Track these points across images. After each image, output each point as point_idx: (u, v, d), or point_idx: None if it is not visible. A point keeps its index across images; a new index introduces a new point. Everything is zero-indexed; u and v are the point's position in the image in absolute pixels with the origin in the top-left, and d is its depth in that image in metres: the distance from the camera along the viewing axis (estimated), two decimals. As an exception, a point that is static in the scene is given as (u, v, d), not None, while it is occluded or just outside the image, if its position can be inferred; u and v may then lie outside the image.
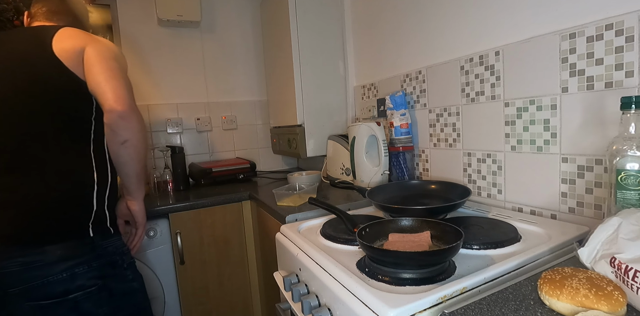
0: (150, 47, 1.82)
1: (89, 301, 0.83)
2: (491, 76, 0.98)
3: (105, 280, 0.86)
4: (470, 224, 0.80)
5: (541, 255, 0.63)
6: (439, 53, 1.15)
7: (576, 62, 0.78)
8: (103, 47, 0.90)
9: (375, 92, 1.50)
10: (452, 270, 0.60)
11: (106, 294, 0.86)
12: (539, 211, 0.89)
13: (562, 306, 0.43)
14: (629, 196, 0.55)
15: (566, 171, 0.82)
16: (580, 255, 0.50)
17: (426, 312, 0.51)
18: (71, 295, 0.80)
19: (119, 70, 0.88)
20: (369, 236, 0.70)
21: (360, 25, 1.56)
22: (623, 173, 0.55)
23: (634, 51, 0.69)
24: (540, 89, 0.86)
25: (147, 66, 1.82)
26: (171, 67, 1.87)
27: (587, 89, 0.77)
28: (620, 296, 0.41)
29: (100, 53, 0.87)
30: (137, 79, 1.78)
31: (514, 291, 0.49)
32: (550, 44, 0.83)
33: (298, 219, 1.01)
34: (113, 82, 0.85)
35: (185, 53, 1.90)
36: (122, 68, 0.91)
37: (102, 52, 0.88)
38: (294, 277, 0.78)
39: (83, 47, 0.87)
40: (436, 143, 1.20)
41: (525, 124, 0.90)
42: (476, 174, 1.06)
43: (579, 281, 0.43)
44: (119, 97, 0.84)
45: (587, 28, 0.76)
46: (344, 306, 0.58)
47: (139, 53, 1.80)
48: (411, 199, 0.98)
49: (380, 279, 0.59)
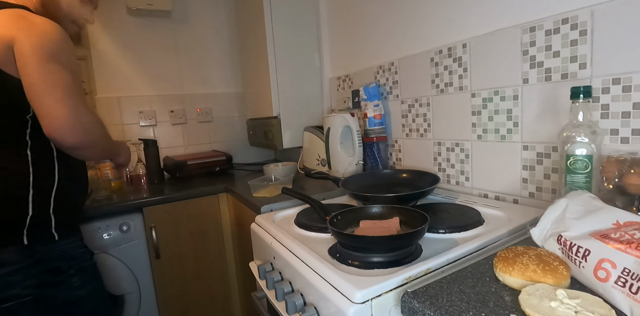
0: (120, 38, 1.75)
1: (26, 311, 0.76)
2: (459, 68, 1.01)
3: (44, 288, 0.78)
4: (438, 210, 0.84)
5: (501, 237, 0.68)
6: (410, 45, 1.18)
7: (536, 55, 0.82)
8: (39, 37, 0.72)
9: (350, 83, 1.52)
10: (419, 252, 0.63)
11: (46, 304, 0.78)
12: (502, 197, 0.94)
13: (514, 281, 0.46)
14: (577, 179, 0.59)
15: (527, 158, 0.87)
16: (532, 234, 0.53)
17: (392, 292, 0.53)
18: (6, 304, 0.75)
19: (60, 74, 0.72)
20: (341, 224, 0.72)
21: (335, 17, 1.57)
22: (572, 158, 0.59)
23: (587, 44, 0.73)
24: (504, 80, 0.90)
25: (117, 57, 1.76)
26: (143, 58, 1.82)
27: (545, 80, 0.81)
28: (565, 270, 0.45)
29: (36, 48, 0.71)
30: (106, 71, 1.72)
31: (472, 270, 0.53)
32: (513, 37, 0.86)
33: (273, 210, 1.02)
34: (53, 95, 0.70)
35: (158, 44, 1.85)
36: (67, 65, 0.75)
37: (37, 45, 0.71)
38: (269, 265, 0.79)
39: (12, 38, 0.71)
40: (408, 133, 1.23)
41: (490, 114, 0.94)
42: (445, 163, 1.10)
43: (529, 258, 0.47)
44: (60, 120, 0.70)
45: (545, 22, 0.80)
46: (315, 291, 0.60)
47: (108, 44, 1.73)
48: (383, 188, 1.01)
49: (350, 263, 0.61)
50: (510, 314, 0.41)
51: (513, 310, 0.41)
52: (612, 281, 0.40)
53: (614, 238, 0.43)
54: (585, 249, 0.44)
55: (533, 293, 0.41)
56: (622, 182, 0.58)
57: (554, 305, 0.38)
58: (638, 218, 0.46)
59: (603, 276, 0.41)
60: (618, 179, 0.59)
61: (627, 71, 0.68)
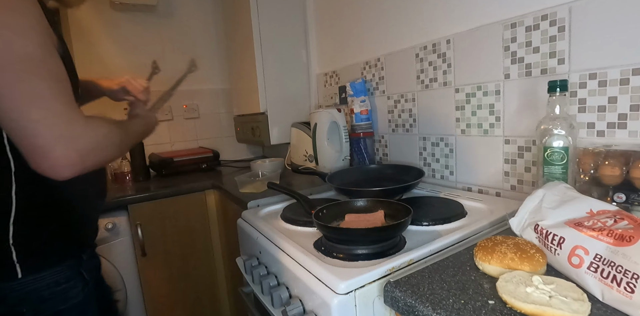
0: (103, 32, 1.71)
1: None
2: (443, 63, 1.02)
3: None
4: (423, 204, 0.85)
5: (482, 228, 0.69)
6: (396, 41, 1.18)
7: (517, 50, 0.84)
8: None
9: (337, 79, 1.52)
10: (402, 244, 0.64)
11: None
12: (485, 190, 0.96)
13: (492, 269, 0.47)
14: (554, 170, 0.61)
15: (508, 152, 0.89)
16: (511, 224, 0.55)
17: (375, 283, 0.54)
18: None
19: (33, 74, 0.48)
20: (327, 218, 0.73)
21: (322, 14, 1.56)
22: (549, 150, 0.61)
23: (565, 40, 0.75)
24: (486, 75, 0.91)
25: (101, 52, 1.72)
26: (126, 53, 1.78)
27: (526, 76, 0.83)
28: (541, 258, 0.47)
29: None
30: (90, 67, 1.68)
31: (454, 260, 0.54)
32: (495, 33, 0.88)
33: (260, 205, 1.02)
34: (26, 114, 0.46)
35: (142, 39, 1.81)
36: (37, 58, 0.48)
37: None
38: (255, 260, 0.79)
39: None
40: (394, 129, 1.24)
41: (474, 109, 0.96)
42: (431, 157, 1.11)
43: (507, 246, 0.48)
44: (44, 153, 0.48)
45: (525, 18, 0.81)
46: (300, 284, 0.60)
47: (91, 38, 1.69)
48: (369, 182, 1.02)
49: (335, 256, 0.62)
50: (488, 300, 0.42)
51: (491, 296, 0.42)
52: (585, 267, 0.42)
53: (587, 225, 0.44)
54: (560, 237, 0.46)
55: (510, 280, 0.42)
56: (597, 173, 0.60)
57: (530, 290, 0.40)
58: (611, 206, 0.48)
59: (577, 263, 0.43)
60: (594, 171, 0.61)
61: (603, 66, 0.70)
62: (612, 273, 0.38)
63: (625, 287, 0.37)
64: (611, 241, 0.40)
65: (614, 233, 0.41)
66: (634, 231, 0.40)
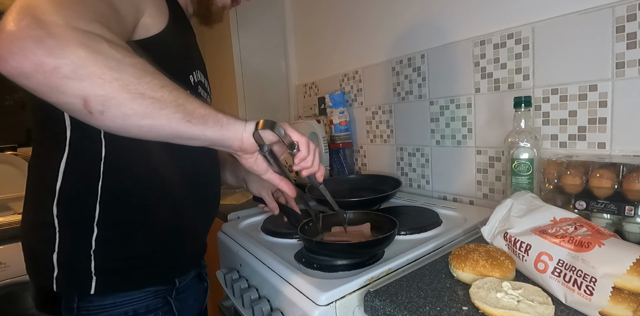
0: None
1: None
2: (418, 77, 1.07)
3: None
4: (400, 213, 0.87)
5: (457, 236, 0.72)
6: (373, 54, 1.22)
7: (486, 66, 0.89)
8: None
9: (316, 90, 1.54)
10: (381, 254, 0.66)
11: None
12: (459, 198, 1.00)
13: (466, 276, 0.49)
14: (521, 180, 0.65)
15: (480, 162, 0.93)
16: (483, 233, 0.57)
17: (355, 293, 0.55)
18: None
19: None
20: (312, 230, 0.73)
21: (301, 26, 1.60)
22: (516, 162, 0.65)
23: (529, 57, 0.81)
24: (459, 89, 0.96)
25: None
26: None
27: (495, 90, 0.88)
28: (510, 264, 0.49)
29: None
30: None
31: (430, 268, 0.56)
32: (465, 49, 0.93)
33: (240, 217, 1.01)
34: None
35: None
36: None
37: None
38: (235, 273, 0.78)
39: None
40: (372, 139, 1.27)
41: (447, 121, 1.00)
42: (407, 167, 1.14)
43: (479, 254, 0.51)
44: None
45: (493, 36, 0.86)
46: (281, 296, 0.60)
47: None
48: (348, 193, 1.04)
49: (316, 267, 0.62)
50: (462, 307, 0.44)
51: (465, 302, 0.44)
52: (549, 272, 0.44)
53: (550, 233, 0.47)
54: (527, 244, 0.49)
55: (482, 286, 0.45)
56: (560, 182, 0.64)
57: (500, 296, 0.42)
58: (571, 214, 0.52)
59: (542, 268, 0.45)
60: (557, 180, 0.65)
61: (563, 82, 0.75)
62: (573, 277, 0.41)
63: (585, 290, 0.39)
64: (572, 247, 0.43)
65: (574, 239, 0.44)
66: (591, 238, 0.43)
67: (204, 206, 0.63)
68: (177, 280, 0.59)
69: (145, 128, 0.39)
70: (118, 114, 0.37)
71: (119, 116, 0.37)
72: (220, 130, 0.44)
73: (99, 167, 0.50)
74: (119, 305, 0.52)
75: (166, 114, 0.39)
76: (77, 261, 0.50)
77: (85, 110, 0.36)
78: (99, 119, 0.37)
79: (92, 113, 0.36)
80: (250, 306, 0.65)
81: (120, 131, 0.40)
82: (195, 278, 0.67)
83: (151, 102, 0.38)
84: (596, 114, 0.71)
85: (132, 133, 0.40)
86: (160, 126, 0.40)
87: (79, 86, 0.34)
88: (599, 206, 0.58)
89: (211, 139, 0.45)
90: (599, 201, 0.58)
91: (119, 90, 0.36)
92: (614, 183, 0.56)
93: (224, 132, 0.45)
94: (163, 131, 0.41)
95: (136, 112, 0.38)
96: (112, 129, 0.40)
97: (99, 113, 0.36)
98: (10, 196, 1.49)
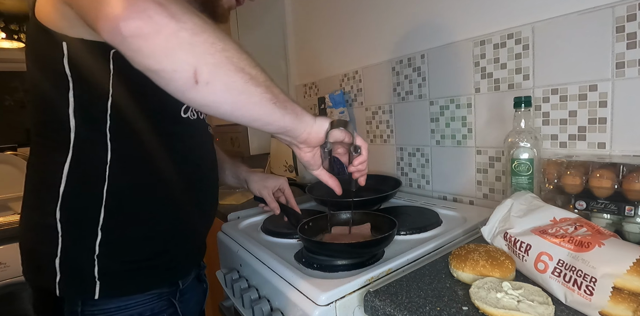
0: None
1: None
2: (418, 77, 1.07)
3: None
4: (400, 213, 0.87)
5: (457, 236, 0.72)
6: (373, 54, 1.22)
7: (486, 66, 0.89)
8: None
9: (316, 90, 1.54)
10: (381, 254, 0.66)
11: None
12: (459, 198, 1.00)
13: (466, 276, 0.49)
14: (521, 180, 0.65)
15: (480, 162, 0.93)
16: (483, 233, 0.57)
17: (355, 293, 0.55)
18: None
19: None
20: (312, 230, 0.73)
21: (301, 26, 1.60)
22: (516, 162, 0.65)
23: (529, 57, 0.80)
24: (459, 89, 0.96)
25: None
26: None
27: (495, 90, 0.88)
28: (510, 264, 0.49)
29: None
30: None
31: (430, 268, 0.56)
32: (465, 49, 0.93)
33: (240, 217, 1.01)
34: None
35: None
36: None
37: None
38: (235, 273, 0.78)
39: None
40: (372, 139, 1.27)
41: (447, 121, 1.00)
42: (407, 167, 1.14)
43: (479, 254, 0.51)
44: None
45: (493, 36, 0.86)
46: (281, 296, 0.60)
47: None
48: (348, 193, 1.03)
49: (316, 267, 0.62)
50: (462, 307, 0.44)
51: (465, 302, 0.44)
52: (549, 272, 0.44)
53: (550, 233, 0.47)
54: (527, 244, 0.49)
55: (482, 286, 0.45)
56: (560, 182, 0.64)
57: (500, 296, 0.42)
58: (571, 214, 0.52)
59: (542, 268, 0.45)
60: (557, 180, 0.65)
61: (563, 82, 0.75)
62: (573, 277, 0.41)
63: (585, 290, 0.39)
64: (572, 247, 0.43)
65: (574, 239, 0.44)
66: (591, 238, 0.43)
67: (204, 208, 0.64)
68: (180, 281, 0.60)
69: (239, 104, 0.39)
70: (221, 86, 0.37)
71: (222, 89, 0.37)
72: (295, 118, 0.45)
73: (104, 172, 0.50)
74: (123, 308, 0.52)
75: (260, 93, 0.39)
76: (81, 265, 0.50)
77: (192, 79, 0.35)
78: (202, 90, 0.36)
79: (198, 83, 0.35)
80: (250, 306, 0.65)
81: (212, 107, 0.38)
82: (195, 280, 0.68)
83: (249, 78, 0.38)
84: (596, 114, 0.71)
85: (221, 110, 0.39)
86: (252, 104, 0.39)
87: (193, 52, 0.34)
88: (599, 206, 0.58)
89: (286, 126, 0.44)
90: (599, 201, 0.58)
91: (227, 61, 0.36)
92: (614, 183, 0.56)
93: (298, 121, 0.45)
94: (251, 110, 0.40)
95: (237, 87, 0.37)
96: (207, 103, 0.38)
97: (205, 83, 0.35)
98: (10, 196, 1.49)
